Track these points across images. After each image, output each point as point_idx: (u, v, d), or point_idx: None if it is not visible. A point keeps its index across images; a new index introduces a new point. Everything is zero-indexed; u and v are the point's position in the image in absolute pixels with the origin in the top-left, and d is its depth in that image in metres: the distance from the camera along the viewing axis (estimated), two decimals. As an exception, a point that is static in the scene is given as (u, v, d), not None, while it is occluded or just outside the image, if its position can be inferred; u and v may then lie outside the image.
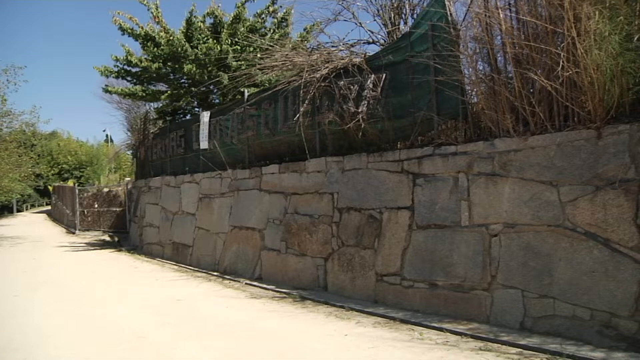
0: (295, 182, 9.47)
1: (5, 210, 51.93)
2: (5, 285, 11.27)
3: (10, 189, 28.21)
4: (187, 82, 16.25)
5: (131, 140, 21.45)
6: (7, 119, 22.32)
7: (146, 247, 16.34)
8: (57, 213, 37.75)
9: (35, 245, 20.66)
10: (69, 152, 56.00)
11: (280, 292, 8.98)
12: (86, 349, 6.16)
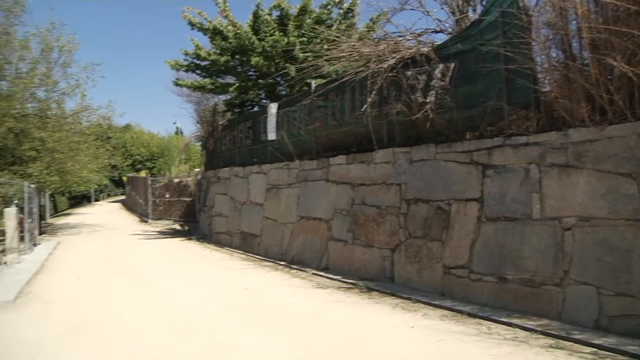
0: (362, 173, 9.47)
1: (84, 200, 54.46)
2: (84, 271, 11.89)
3: (88, 179, 29.45)
4: (255, 74, 16.49)
5: (200, 132, 21.96)
6: (86, 113, 23.32)
7: (215, 236, 16.77)
8: (131, 202, 39.26)
9: (111, 233, 21.63)
10: (142, 144, 58.01)
11: (346, 283, 9.02)
12: (156, 334, 6.42)
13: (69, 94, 21.80)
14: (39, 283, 10.56)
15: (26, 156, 20.22)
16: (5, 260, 13.28)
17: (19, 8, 19.74)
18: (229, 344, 5.90)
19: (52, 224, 28.59)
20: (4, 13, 19.47)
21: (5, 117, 18.86)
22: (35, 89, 20.49)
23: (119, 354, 5.73)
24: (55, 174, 21.81)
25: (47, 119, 21.14)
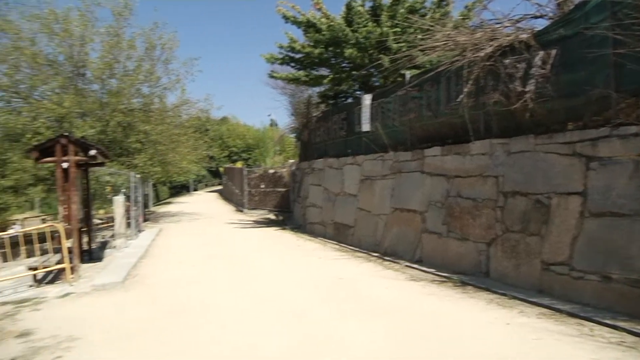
0: (458, 165, 9.27)
1: (183, 189, 56.98)
2: (185, 256, 12.48)
3: (188, 170, 30.86)
4: (348, 66, 16.52)
5: (295, 123, 22.30)
6: (186, 106, 24.47)
7: (309, 227, 17.02)
8: (227, 192, 40.60)
9: (209, 221, 22.52)
10: (238, 136, 59.77)
11: (440, 276, 8.89)
12: (251, 320, 6.64)
13: (170, 88, 23.01)
14: (144, 267, 11.24)
15: (132, 148, 21.52)
16: (114, 245, 14.21)
17: (128, 11, 20.97)
18: (323, 332, 5.99)
19: (155, 212, 30.17)
20: (114, 17, 20.76)
21: (115, 112, 20.14)
22: (140, 85, 21.74)
23: (216, 335, 6.03)
24: (158, 165, 23.11)
25: (150, 112, 22.37)
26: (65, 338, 6.19)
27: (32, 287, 9.66)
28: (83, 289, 9.10)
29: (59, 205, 10.59)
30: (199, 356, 5.38)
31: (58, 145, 10.13)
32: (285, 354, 5.32)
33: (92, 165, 12.59)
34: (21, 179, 18.77)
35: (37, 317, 7.46)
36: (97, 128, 19.67)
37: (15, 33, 18.93)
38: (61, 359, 5.49)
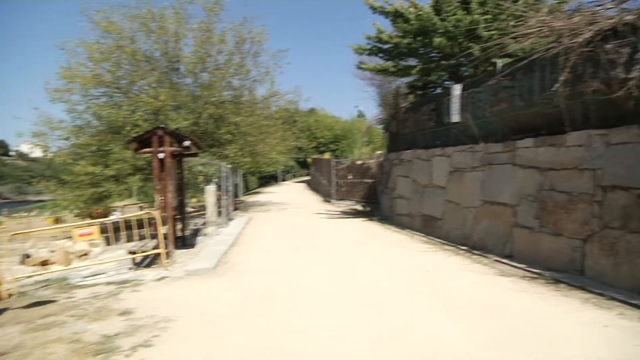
0: (551, 157, 8.86)
1: (272, 180, 58.20)
2: (273, 245, 12.76)
3: (276, 161, 31.56)
4: (437, 55, 16.20)
5: (382, 114, 22.17)
6: (275, 98, 24.95)
7: (396, 218, 16.90)
8: (315, 183, 41.02)
9: (297, 211, 22.86)
10: (326, 127, 60.24)
11: (531, 272, 8.57)
12: (336, 309, 6.70)
13: (260, 81, 23.57)
14: (234, 254, 11.61)
15: (223, 139, 22.26)
16: (205, 232, 14.74)
17: (218, 7, 21.64)
18: (409, 324, 5.96)
19: (244, 201, 31.01)
20: (206, 13, 21.49)
21: (207, 105, 20.89)
22: (230, 77, 22.43)
23: (301, 323, 6.16)
24: (248, 155, 23.79)
25: (240, 105, 23.01)
26: (161, 318, 6.56)
27: (132, 269, 10.26)
28: (177, 273, 9.56)
29: (155, 193, 11.14)
30: (284, 342, 5.52)
31: (155, 136, 10.64)
32: (369, 346, 5.33)
33: (186, 155, 13.12)
34: (121, 169, 19.95)
35: (136, 297, 7.95)
36: (190, 120, 20.50)
37: (117, 33, 20.12)
38: (158, 337, 5.83)
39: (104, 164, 20.29)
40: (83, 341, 5.85)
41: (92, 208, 24.30)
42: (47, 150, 22.75)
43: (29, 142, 23.01)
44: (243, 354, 5.26)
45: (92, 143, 20.84)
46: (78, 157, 21.29)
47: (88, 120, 21.42)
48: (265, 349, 5.36)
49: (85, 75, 20.04)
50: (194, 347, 5.50)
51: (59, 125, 20.94)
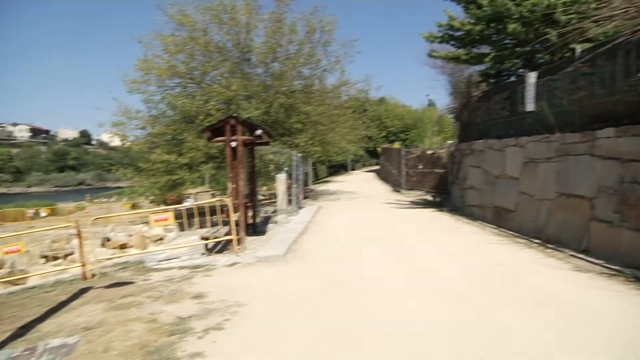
0: (635, 148, 8.41)
1: (341, 169, 58.36)
2: (342, 234, 12.80)
3: (346, 150, 31.69)
4: (511, 42, 15.69)
5: (454, 103, 21.75)
6: (345, 87, 24.96)
7: (467, 209, 16.57)
8: (384, 172, 40.81)
9: (366, 201, 22.83)
10: (396, 116, 59.77)
11: (609, 269, 8.19)
12: (405, 299, 6.66)
13: (330, 70, 23.64)
14: (303, 242, 11.75)
15: (294, 128, 22.50)
16: (276, 220, 14.97)
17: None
18: (479, 317, 5.86)
19: (314, 190, 31.24)
20: (276, 3, 21.74)
21: (278, 94, 21.15)
22: (301, 67, 22.63)
23: (368, 312, 6.19)
24: (318, 145, 23.93)
25: (311, 94, 23.16)
26: (233, 303, 6.78)
27: (204, 255, 10.59)
28: (248, 259, 9.79)
29: (227, 181, 11.40)
30: (350, 330, 5.56)
31: (228, 125, 10.89)
32: (436, 337, 5.27)
33: (257, 144, 13.36)
34: (195, 157, 20.55)
35: (209, 282, 8.24)
36: (262, 109, 20.83)
37: (191, 25, 20.70)
38: (229, 321, 6.03)
39: (178, 152, 20.97)
40: (159, 321, 6.15)
41: (167, 195, 25.22)
42: (125, 139, 23.79)
43: (108, 131, 24.16)
44: (310, 339, 5.34)
45: (167, 132, 21.62)
46: (154, 146, 22.14)
47: (163, 110, 22.26)
48: (332, 336, 5.43)
49: (160, 66, 20.76)
50: (264, 332, 5.65)
51: (136, 115, 21.86)
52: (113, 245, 20.70)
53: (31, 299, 8.64)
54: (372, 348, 5.05)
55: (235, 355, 5.01)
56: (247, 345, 5.27)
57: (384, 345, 5.10)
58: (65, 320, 6.72)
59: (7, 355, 5.63)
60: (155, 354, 5.06)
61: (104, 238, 22.68)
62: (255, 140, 12.12)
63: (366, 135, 33.91)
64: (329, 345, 5.15)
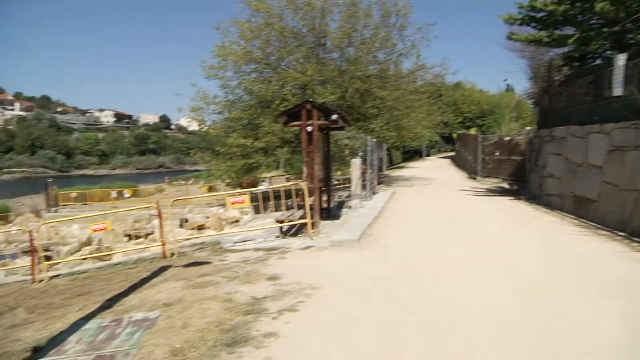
0: None
1: (415, 155, 57.73)
2: (416, 220, 12.73)
3: (421, 135, 31.28)
4: (599, 22, 14.90)
5: (533, 88, 21.02)
6: (421, 72, 24.59)
7: (545, 198, 16.04)
8: (459, 159, 40.07)
9: (441, 187, 22.54)
10: (472, 101, 58.37)
11: (703, 264, 7.74)
12: (479, 287, 6.56)
13: (405, 54, 23.36)
14: (377, 227, 11.77)
15: (369, 113, 22.45)
16: (350, 205, 15.04)
17: None
18: (557, 309, 5.73)
19: (388, 176, 31.11)
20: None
21: (353, 79, 21.13)
22: (376, 52, 22.50)
23: (442, 299, 6.16)
24: (393, 130, 23.77)
25: (386, 79, 22.98)
26: (307, 285, 6.90)
27: (279, 237, 10.82)
28: (322, 243, 9.91)
29: (302, 165, 11.56)
30: (423, 318, 5.55)
31: (303, 110, 11.01)
32: (510, 328, 5.18)
33: (332, 129, 13.44)
34: (270, 141, 20.90)
35: (283, 264, 8.43)
36: (337, 94, 20.88)
37: (266, 11, 20.99)
38: (303, 303, 6.15)
39: (254, 136, 21.38)
40: (234, 301, 6.34)
41: (242, 178, 25.82)
42: (202, 124, 24.49)
43: (187, 116, 24.96)
44: (383, 325, 5.37)
45: (244, 117, 22.09)
46: (230, 130, 22.68)
47: (240, 95, 22.77)
48: (404, 322, 5.44)
49: (237, 52, 21.17)
50: (337, 316, 5.72)
51: (214, 100, 22.47)
52: (191, 226, 21.43)
53: (116, 274, 9.16)
54: (445, 336, 5.02)
55: (308, 337, 5.10)
56: (320, 328, 5.35)
57: (458, 334, 5.06)
58: (147, 295, 7.08)
59: (97, 324, 6.04)
60: (231, 332, 5.23)
61: (182, 219, 23.49)
62: (330, 124, 12.19)
63: (442, 120, 33.34)
64: (402, 332, 5.15)
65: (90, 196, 40.15)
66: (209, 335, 5.17)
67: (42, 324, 6.58)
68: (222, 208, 24.02)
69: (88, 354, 5.13)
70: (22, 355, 5.35)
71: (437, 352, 4.67)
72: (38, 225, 13.73)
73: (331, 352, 4.74)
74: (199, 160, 28.20)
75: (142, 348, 5.03)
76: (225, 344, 4.91)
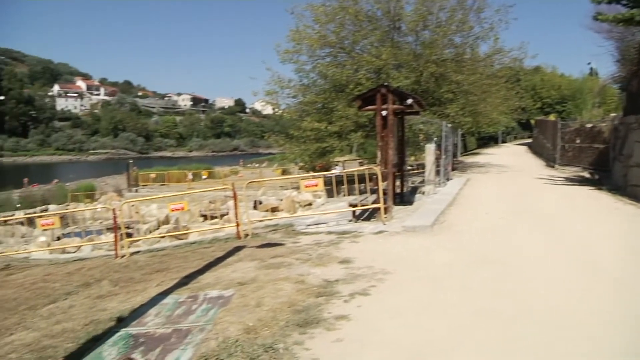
0: None
1: (490, 141, 56.28)
2: (491, 208, 12.44)
3: (497, 121, 30.43)
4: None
5: (620, 72, 20.01)
6: (499, 56, 23.83)
7: (630, 189, 15.29)
8: (537, 146, 38.73)
9: (517, 175, 21.92)
10: (552, 86, 56.15)
11: None
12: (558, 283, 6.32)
13: (482, 37, 22.67)
14: (451, 214, 11.63)
15: (444, 98, 22.07)
16: (423, 190, 14.90)
17: None
18: None
19: (462, 162, 30.54)
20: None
21: (428, 63, 20.81)
22: (452, 35, 21.98)
23: (516, 289, 6.01)
24: (469, 115, 23.19)
25: (462, 63, 22.47)
26: (378, 270, 6.92)
27: (351, 221, 10.90)
28: (394, 228, 9.89)
29: (376, 150, 11.54)
30: (496, 307, 5.43)
31: (378, 94, 10.97)
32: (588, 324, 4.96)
33: (407, 113, 13.35)
34: (344, 125, 20.95)
35: (355, 248, 8.49)
36: (411, 79, 20.65)
37: (342, -6, 20.90)
38: (375, 288, 6.18)
39: (328, 120, 21.48)
40: (307, 282, 6.46)
41: (316, 162, 26.05)
42: (277, 108, 24.81)
43: (262, 100, 25.36)
44: (454, 312, 5.31)
45: (318, 101, 22.22)
46: (304, 114, 22.91)
47: (314, 79, 22.93)
48: (475, 310, 5.34)
49: (311, 37, 21.27)
50: (409, 301, 5.72)
51: (288, 84, 22.71)
52: (264, 208, 21.88)
53: (192, 253, 9.52)
54: (519, 328, 4.86)
55: (379, 321, 5.12)
56: (392, 313, 5.36)
57: (532, 327, 4.89)
58: (221, 274, 7.33)
59: (174, 300, 6.32)
60: (303, 313, 5.30)
61: (256, 201, 24.01)
62: (405, 109, 12.09)
63: (519, 106, 32.30)
64: (474, 321, 5.07)
65: (168, 177, 41.61)
66: (281, 315, 5.27)
67: (124, 296, 6.96)
68: (296, 191, 24.35)
69: (166, 327, 5.38)
70: (108, 324, 5.68)
71: (512, 344, 4.53)
72: (120, 204, 14.39)
73: (402, 337, 4.74)
74: (273, 144, 28.65)
75: (216, 324, 5.20)
76: (297, 325, 4.99)
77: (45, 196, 35.01)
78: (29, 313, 7.03)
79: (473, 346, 4.52)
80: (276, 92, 22.85)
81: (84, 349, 5.04)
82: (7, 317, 6.98)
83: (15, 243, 18.92)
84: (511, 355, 4.35)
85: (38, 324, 6.29)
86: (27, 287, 8.97)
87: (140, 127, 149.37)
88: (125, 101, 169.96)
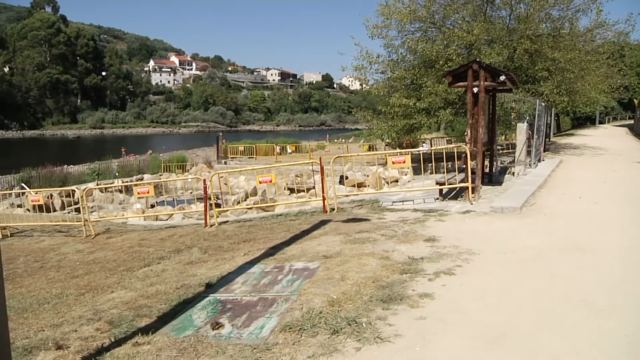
0: None
1: (587, 121, 53.51)
2: (585, 192, 11.83)
3: (596, 101, 28.59)
4: None
5: None
6: (601, 30, 22.38)
7: None
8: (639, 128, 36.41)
9: (615, 158, 20.69)
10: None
11: None
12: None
13: (583, 10, 21.28)
14: (541, 197, 11.16)
15: (538, 75, 21.04)
16: (513, 171, 14.45)
17: None
18: None
19: (555, 143, 29.24)
20: None
21: (522, 39, 19.92)
22: (549, 8, 20.82)
23: (608, 280, 5.66)
24: (565, 94, 21.90)
25: (559, 38, 21.33)
26: (464, 250, 6.79)
27: (437, 200, 10.77)
28: (482, 208, 9.65)
29: (466, 127, 11.26)
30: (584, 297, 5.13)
31: (470, 70, 10.66)
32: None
33: (499, 91, 12.92)
34: (433, 102, 20.56)
35: (441, 227, 8.35)
36: (504, 55, 19.86)
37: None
38: (460, 268, 6.06)
39: (417, 96, 21.15)
40: (391, 259, 6.44)
41: (403, 138, 25.80)
42: (365, 83, 24.67)
43: (349, 75, 25.31)
44: (540, 298, 5.09)
45: (407, 76, 21.89)
46: (393, 90, 22.70)
47: (403, 54, 22.63)
48: (564, 298, 5.09)
49: (401, 11, 20.92)
50: (494, 283, 5.56)
51: (377, 59, 22.52)
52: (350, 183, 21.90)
53: (278, 225, 9.75)
54: (614, 324, 4.54)
55: (463, 302, 5.02)
56: (476, 294, 5.24)
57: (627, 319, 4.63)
58: (307, 247, 7.46)
59: (261, 269, 6.53)
60: (387, 289, 5.29)
61: (342, 176, 24.09)
62: (497, 86, 11.69)
63: (622, 84, 30.38)
64: (561, 308, 4.83)
65: (256, 150, 42.48)
66: (365, 290, 5.29)
67: (213, 264, 7.26)
68: (382, 167, 24.23)
69: (252, 295, 5.55)
70: (198, 289, 5.96)
71: (606, 338, 4.28)
72: (210, 175, 14.91)
73: (485, 319, 4.62)
74: (360, 119, 28.56)
75: (301, 295, 5.29)
76: (381, 300, 4.99)
77: (141, 166, 36.78)
78: (126, 274, 7.53)
79: (560, 333, 4.33)
80: (365, 67, 22.74)
81: (176, 311, 5.31)
82: (109, 277, 7.54)
83: (114, 209, 20.05)
84: (605, 349, 4.08)
85: (134, 285, 6.72)
86: (125, 250, 9.58)
87: (229, 101, 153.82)
88: (215, 76, 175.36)
